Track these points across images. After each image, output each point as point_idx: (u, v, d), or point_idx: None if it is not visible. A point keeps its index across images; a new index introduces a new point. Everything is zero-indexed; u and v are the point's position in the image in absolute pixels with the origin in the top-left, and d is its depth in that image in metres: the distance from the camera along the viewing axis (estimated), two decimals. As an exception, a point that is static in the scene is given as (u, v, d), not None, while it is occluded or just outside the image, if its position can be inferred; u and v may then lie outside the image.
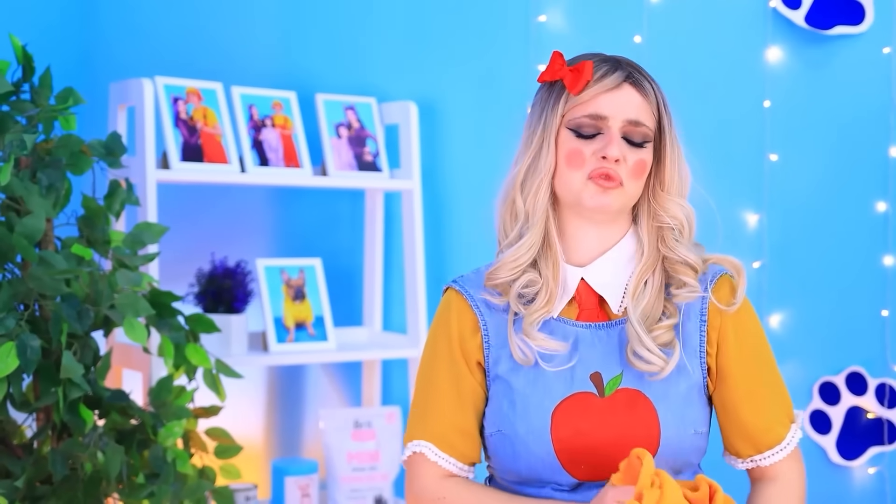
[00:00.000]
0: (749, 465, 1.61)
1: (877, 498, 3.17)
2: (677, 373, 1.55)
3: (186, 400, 2.44)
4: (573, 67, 1.55)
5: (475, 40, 3.14)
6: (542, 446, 1.54)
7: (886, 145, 3.14)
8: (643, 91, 1.56)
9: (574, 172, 1.54)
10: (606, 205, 1.54)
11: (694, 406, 1.57)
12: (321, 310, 2.90)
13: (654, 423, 1.53)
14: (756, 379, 1.60)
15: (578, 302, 1.59)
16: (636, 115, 1.55)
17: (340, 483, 2.92)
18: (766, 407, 1.59)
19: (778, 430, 1.60)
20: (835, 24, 3.09)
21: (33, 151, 2.27)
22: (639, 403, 1.54)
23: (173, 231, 2.74)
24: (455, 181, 3.16)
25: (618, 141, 1.53)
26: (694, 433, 1.56)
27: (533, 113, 1.59)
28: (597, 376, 1.55)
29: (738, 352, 1.59)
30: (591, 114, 1.54)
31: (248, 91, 2.86)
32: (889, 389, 3.14)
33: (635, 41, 3.10)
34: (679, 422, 1.55)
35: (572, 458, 1.54)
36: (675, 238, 1.58)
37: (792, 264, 3.16)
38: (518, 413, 1.55)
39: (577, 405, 1.54)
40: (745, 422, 1.59)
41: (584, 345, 1.56)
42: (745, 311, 1.61)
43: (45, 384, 2.21)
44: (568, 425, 1.53)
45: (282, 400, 3.12)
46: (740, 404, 1.59)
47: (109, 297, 2.23)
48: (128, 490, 2.25)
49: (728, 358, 1.59)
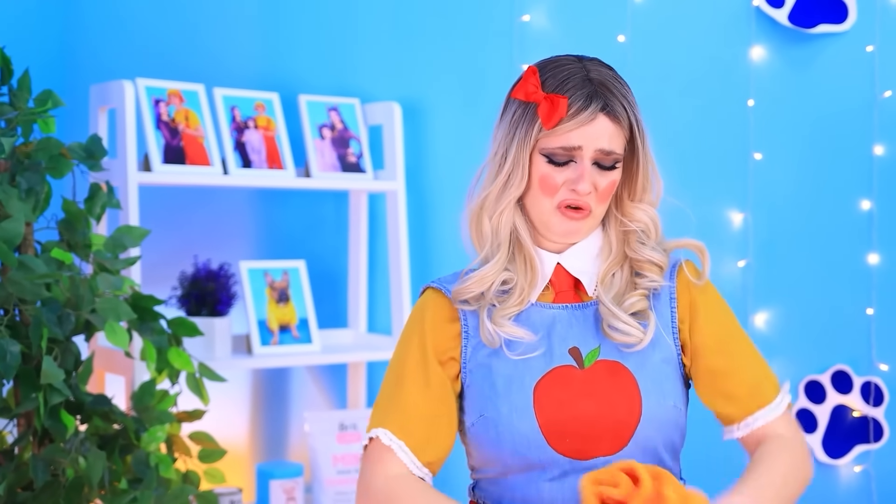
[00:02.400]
0: (745, 431, 1.61)
1: (862, 496, 3.18)
2: (652, 345, 1.59)
3: (169, 404, 2.42)
4: (548, 97, 1.55)
5: (459, 41, 3.13)
6: (527, 422, 1.54)
7: (870, 143, 3.14)
8: (616, 118, 1.57)
9: (545, 199, 1.57)
10: (574, 232, 1.59)
11: (671, 379, 1.59)
12: (305, 312, 2.89)
13: (635, 392, 1.56)
14: (733, 346, 1.63)
15: (554, 286, 1.63)
16: (608, 145, 1.56)
17: (326, 486, 2.91)
18: (747, 370, 1.62)
19: (764, 390, 1.61)
20: (818, 23, 3.09)
21: (12, 155, 2.25)
22: (619, 373, 1.57)
23: (155, 234, 2.72)
24: (439, 182, 3.15)
25: (588, 172, 1.55)
26: (673, 406, 1.58)
27: (504, 129, 1.60)
28: (575, 350, 1.58)
29: (710, 323, 1.63)
30: (564, 146, 1.55)
31: (230, 92, 2.84)
32: (874, 388, 3.14)
33: (619, 41, 3.09)
34: (658, 391, 1.57)
35: (557, 431, 1.54)
36: (639, 241, 1.62)
37: (777, 263, 3.17)
38: (500, 393, 1.56)
39: (558, 378, 1.56)
40: (730, 386, 1.61)
41: (561, 324, 1.60)
42: (710, 290, 1.66)
43: (26, 390, 2.19)
44: (550, 398, 1.55)
45: (266, 403, 3.10)
46: (722, 370, 1.61)
47: (90, 302, 2.21)
48: (110, 496, 2.23)
49: (701, 331, 1.62)
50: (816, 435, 3.15)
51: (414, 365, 1.60)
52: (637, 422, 1.55)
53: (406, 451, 1.55)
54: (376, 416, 1.59)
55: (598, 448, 1.55)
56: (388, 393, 1.60)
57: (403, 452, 1.55)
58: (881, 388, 3.14)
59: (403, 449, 1.55)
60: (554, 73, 1.58)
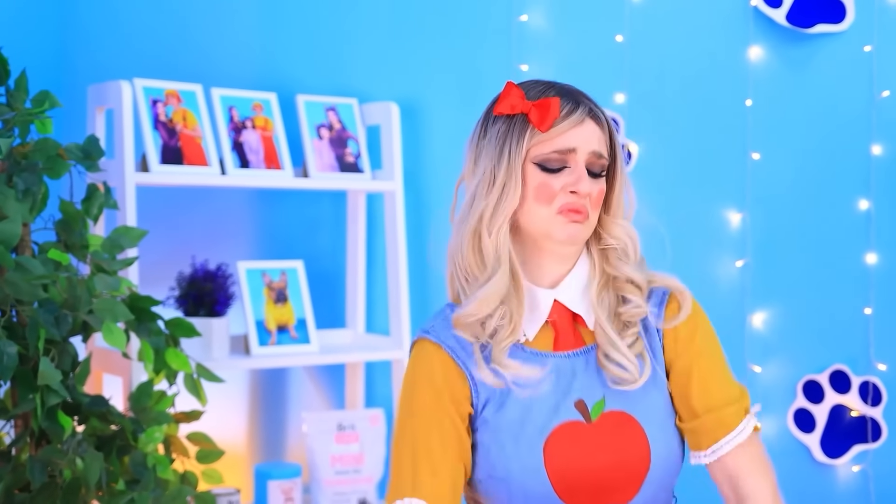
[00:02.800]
0: (712, 458, 1.60)
1: (861, 496, 3.18)
2: (653, 385, 1.58)
3: (167, 405, 2.42)
4: (538, 103, 1.54)
5: (456, 40, 3.13)
6: (539, 483, 1.52)
7: (868, 143, 3.14)
8: (600, 123, 1.58)
9: (542, 207, 1.55)
10: (575, 236, 1.55)
11: (671, 418, 1.60)
12: (303, 312, 2.89)
13: (643, 442, 1.55)
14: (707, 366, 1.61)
15: (554, 326, 1.60)
16: (599, 148, 1.56)
17: (324, 486, 2.90)
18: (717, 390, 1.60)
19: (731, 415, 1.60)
20: (816, 23, 3.09)
21: (9, 155, 2.24)
22: (626, 424, 1.56)
23: (153, 234, 2.72)
24: (437, 182, 3.15)
25: (586, 176, 1.55)
26: (678, 446, 1.59)
27: (490, 146, 1.58)
28: (581, 403, 1.56)
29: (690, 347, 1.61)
30: (559, 149, 1.54)
31: (228, 92, 2.84)
32: (872, 387, 3.14)
33: (617, 40, 3.09)
34: (664, 436, 1.57)
35: (570, 489, 1.53)
36: (618, 258, 1.60)
37: (775, 263, 3.16)
38: (508, 454, 1.54)
39: (566, 434, 1.54)
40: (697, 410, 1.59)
41: (564, 374, 1.57)
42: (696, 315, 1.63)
43: (23, 391, 2.19)
44: (561, 456, 1.53)
45: (264, 403, 3.10)
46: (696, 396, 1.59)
47: (88, 303, 2.21)
48: (108, 497, 2.23)
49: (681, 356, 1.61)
50: (814, 435, 3.15)
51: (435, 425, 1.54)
52: (647, 469, 1.55)
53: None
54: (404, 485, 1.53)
55: (611, 498, 1.55)
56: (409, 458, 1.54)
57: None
58: (879, 387, 3.14)
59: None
60: (532, 86, 1.59)
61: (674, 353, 1.61)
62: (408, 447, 1.54)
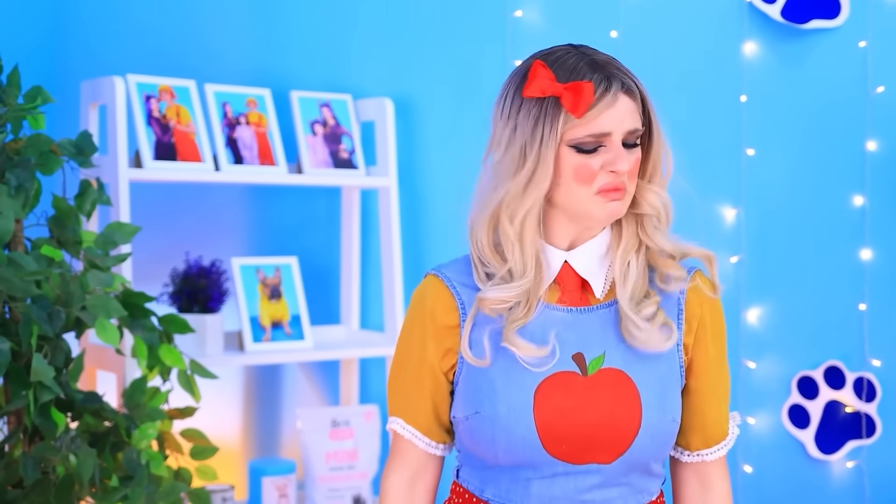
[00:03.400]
0: (694, 459, 1.63)
1: (855, 492, 3.18)
2: (657, 357, 1.56)
3: (161, 401, 2.42)
4: (569, 87, 1.51)
5: (451, 36, 3.12)
6: (524, 425, 1.52)
7: (863, 139, 3.14)
8: (633, 95, 1.55)
9: (582, 188, 1.52)
10: (615, 213, 1.54)
11: (672, 393, 1.58)
12: (298, 308, 2.88)
13: (636, 404, 1.54)
14: (720, 375, 1.63)
15: (560, 285, 1.59)
16: (633, 124, 1.54)
17: (318, 483, 2.90)
18: (723, 403, 1.63)
19: (726, 426, 1.64)
20: (811, 18, 3.08)
21: (2, 151, 2.24)
22: (622, 384, 1.54)
23: (146, 230, 2.71)
24: (432, 178, 3.15)
25: (624, 154, 1.52)
26: (672, 421, 1.57)
27: (522, 127, 1.54)
28: (579, 356, 1.55)
29: (713, 347, 1.62)
30: (594, 133, 1.52)
31: (221, 88, 2.83)
32: (867, 383, 3.14)
33: (611, 36, 3.09)
34: (660, 406, 1.55)
35: (554, 438, 1.53)
36: (654, 225, 1.59)
37: (769, 259, 3.16)
38: (499, 393, 1.54)
39: (559, 383, 1.54)
40: (707, 416, 1.62)
41: (566, 328, 1.56)
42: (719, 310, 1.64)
43: (16, 387, 2.18)
44: (550, 403, 1.53)
45: (258, 400, 3.10)
46: (707, 398, 1.61)
47: (81, 299, 2.20)
48: (101, 493, 2.22)
49: (704, 352, 1.61)
50: (809, 431, 3.15)
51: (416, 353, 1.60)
52: (635, 434, 1.54)
53: (419, 437, 1.62)
54: (390, 403, 1.65)
55: (594, 456, 1.54)
56: (394, 379, 1.64)
57: (417, 439, 1.62)
58: (874, 383, 3.14)
59: (417, 436, 1.62)
60: (559, 64, 1.54)
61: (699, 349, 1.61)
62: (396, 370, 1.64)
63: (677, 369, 1.59)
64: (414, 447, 1.62)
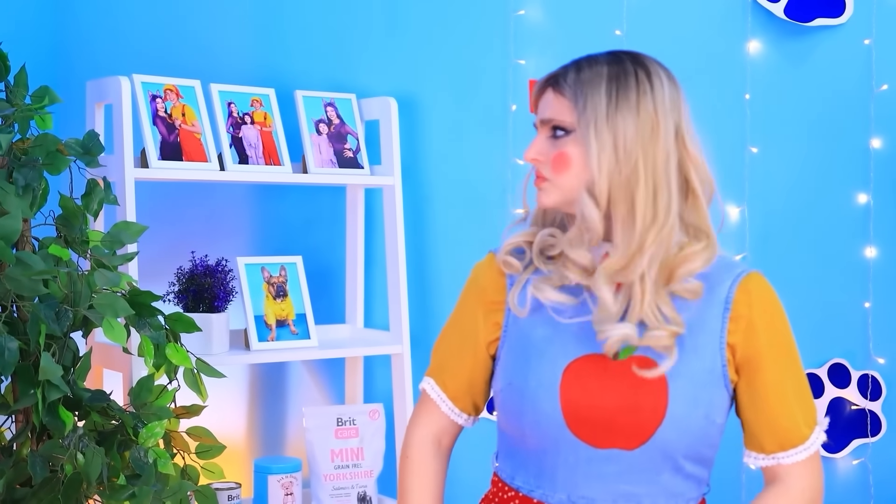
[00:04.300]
0: (770, 462, 1.61)
1: (860, 489, 3.18)
2: (694, 352, 1.56)
3: (167, 400, 2.42)
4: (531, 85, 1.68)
5: (454, 35, 3.13)
6: (550, 405, 1.56)
7: (867, 137, 3.15)
8: (559, 90, 1.60)
9: None
10: (540, 201, 1.62)
11: (709, 390, 1.56)
12: (303, 307, 2.89)
13: (662, 395, 1.54)
14: (786, 375, 1.61)
15: None
16: (549, 114, 1.60)
17: (324, 481, 2.91)
18: (794, 404, 1.60)
19: (803, 429, 1.61)
20: (815, 17, 3.09)
21: (9, 151, 2.24)
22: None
23: (153, 230, 2.72)
24: (436, 176, 3.15)
25: (537, 141, 1.61)
26: (705, 418, 1.56)
27: None
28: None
29: (770, 346, 1.60)
30: (535, 122, 1.64)
31: (226, 88, 2.84)
32: (872, 381, 3.15)
33: (615, 34, 3.09)
34: (690, 400, 1.55)
35: (577, 419, 1.55)
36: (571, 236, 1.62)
37: (774, 257, 3.17)
38: (532, 366, 1.59)
39: (589, 364, 1.57)
40: (775, 416, 1.60)
41: None
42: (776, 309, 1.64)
43: (24, 386, 2.19)
44: (577, 383, 1.56)
45: (264, 398, 3.10)
46: (771, 398, 1.59)
47: (88, 298, 2.21)
48: (108, 492, 2.23)
49: (759, 350, 1.59)
50: (814, 428, 3.16)
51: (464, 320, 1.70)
52: (658, 425, 1.54)
53: (445, 401, 1.71)
54: (430, 363, 1.75)
55: (615, 441, 1.55)
56: (439, 342, 1.74)
57: (442, 402, 1.71)
58: (879, 381, 3.15)
59: (443, 399, 1.71)
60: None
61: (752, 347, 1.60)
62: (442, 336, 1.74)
63: (719, 368, 1.57)
64: (437, 409, 1.71)
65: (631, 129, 1.56)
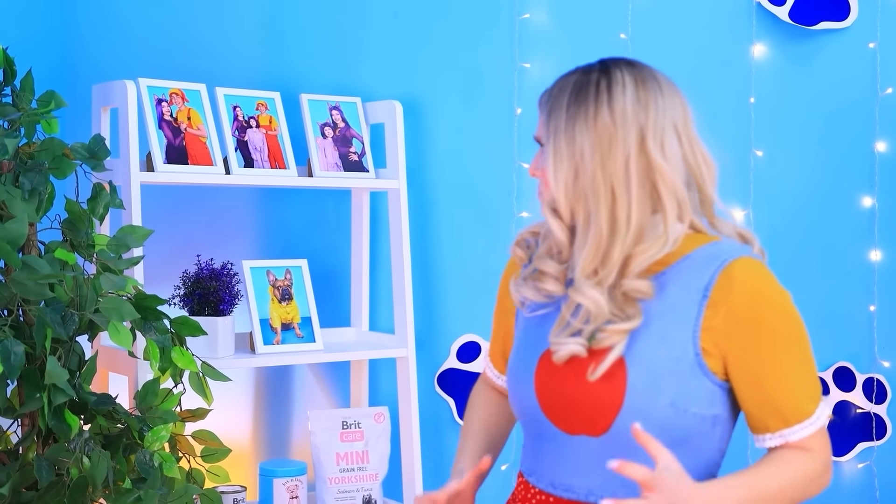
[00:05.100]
0: (778, 441, 1.58)
1: (865, 493, 3.18)
2: (658, 341, 1.56)
3: (173, 403, 2.43)
4: None
5: (460, 39, 3.13)
6: (527, 384, 1.65)
7: (872, 140, 3.15)
8: (539, 105, 1.68)
9: None
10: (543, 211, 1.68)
11: (677, 379, 1.55)
12: (308, 310, 2.89)
13: (620, 384, 1.55)
14: (780, 355, 1.57)
15: None
16: (537, 132, 1.68)
17: (329, 484, 2.91)
18: (793, 382, 1.57)
19: (806, 404, 1.58)
20: (820, 20, 3.09)
21: (15, 155, 2.25)
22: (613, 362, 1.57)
23: (158, 233, 2.72)
24: (441, 180, 3.15)
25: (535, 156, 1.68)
26: (671, 406, 1.55)
27: None
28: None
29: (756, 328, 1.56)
30: None
31: (232, 91, 2.84)
32: (877, 384, 3.14)
33: (620, 38, 3.09)
34: (650, 388, 1.55)
35: (547, 402, 1.63)
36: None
37: (779, 260, 3.16)
38: (518, 349, 1.70)
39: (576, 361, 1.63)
40: (772, 397, 1.57)
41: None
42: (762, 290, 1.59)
43: (30, 390, 2.19)
44: (548, 370, 1.62)
45: (269, 401, 3.11)
46: (766, 380, 1.56)
47: (94, 302, 2.21)
48: (114, 495, 2.23)
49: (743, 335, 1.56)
50: (819, 431, 3.16)
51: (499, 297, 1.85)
52: (617, 412, 1.55)
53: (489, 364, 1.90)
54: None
55: (583, 427, 1.59)
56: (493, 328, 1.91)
57: (488, 366, 1.91)
58: (884, 384, 3.15)
59: (488, 363, 1.90)
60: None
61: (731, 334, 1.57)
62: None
63: (691, 356, 1.56)
64: (485, 371, 1.91)
65: (587, 141, 1.58)
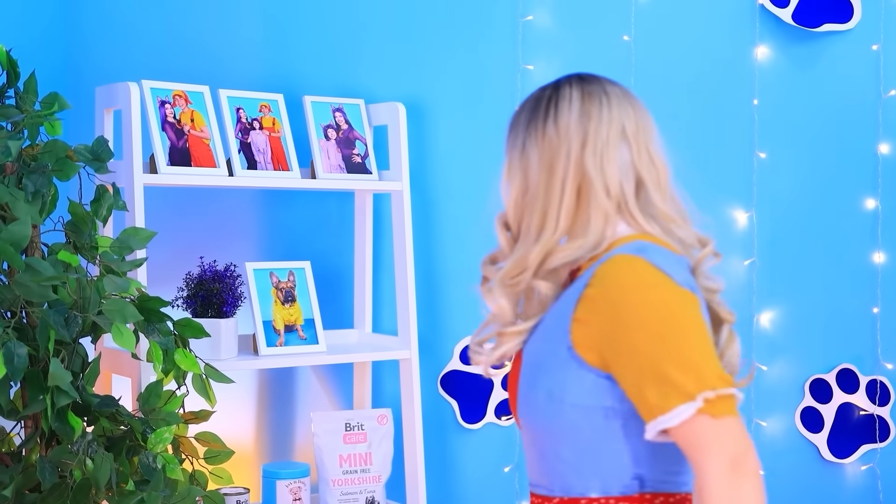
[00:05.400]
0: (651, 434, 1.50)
1: (869, 495, 3.18)
2: (542, 335, 1.61)
3: (176, 405, 2.43)
4: None
5: (463, 40, 3.13)
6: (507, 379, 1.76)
7: (875, 142, 3.14)
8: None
9: None
10: None
11: (552, 371, 1.56)
12: (311, 312, 2.89)
13: (514, 377, 1.65)
14: (640, 346, 1.50)
15: None
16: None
17: (332, 486, 2.91)
18: (651, 374, 1.49)
19: (664, 400, 1.47)
20: (823, 22, 3.09)
21: (19, 157, 2.25)
22: (517, 358, 1.66)
23: (161, 235, 2.72)
24: (444, 182, 3.15)
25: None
26: (548, 397, 1.55)
27: None
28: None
29: (614, 321, 1.52)
30: None
31: (235, 93, 2.84)
32: (880, 386, 3.14)
33: (624, 40, 3.09)
34: (530, 381, 1.59)
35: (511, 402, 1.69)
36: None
37: (782, 262, 3.17)
38: None
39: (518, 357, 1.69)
40: (632, 387, 1.51)
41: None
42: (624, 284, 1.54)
43: (33, 392, 2.19)
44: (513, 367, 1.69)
45: (272, 403, 3.11)
46: (625, 370, 1.51)
47: (97, 304, 2.21)
48: (117, 497, 2.23)
49: (602, 328, 1.53)
50: (822, 434, 3.15)
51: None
52: (516, 402, 1.63)
53: None
54: None
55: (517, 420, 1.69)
56: None
57: None
58: (887, 386, 3.14)
59: None
60: None
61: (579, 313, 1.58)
62: None
63: (564, 349, 1.55)
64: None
65: (535, 156, 1.64)
